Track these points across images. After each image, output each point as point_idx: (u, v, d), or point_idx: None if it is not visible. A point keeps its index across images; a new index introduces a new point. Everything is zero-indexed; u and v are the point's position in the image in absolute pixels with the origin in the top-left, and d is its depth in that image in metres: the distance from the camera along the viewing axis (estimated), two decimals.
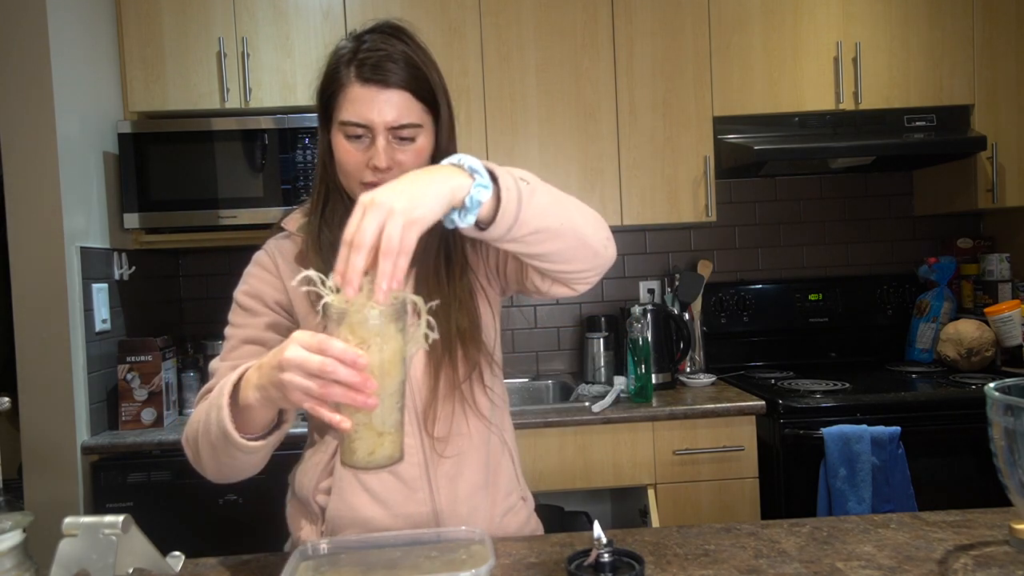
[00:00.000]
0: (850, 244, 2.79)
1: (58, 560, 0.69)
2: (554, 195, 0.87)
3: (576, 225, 0.88)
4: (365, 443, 0.74)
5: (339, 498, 1.00)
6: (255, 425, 0.86)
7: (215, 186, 2.19)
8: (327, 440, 1.03)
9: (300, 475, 1.06)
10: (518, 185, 0.81)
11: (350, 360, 0.69)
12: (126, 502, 1.94)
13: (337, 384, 0.70)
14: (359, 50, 0.97)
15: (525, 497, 1.14)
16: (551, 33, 2.34)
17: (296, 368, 0.71)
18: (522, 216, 0.81)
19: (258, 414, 0.84)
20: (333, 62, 1.00)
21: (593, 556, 0.78)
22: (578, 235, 0.88)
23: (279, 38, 2.29)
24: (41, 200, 1.93)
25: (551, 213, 0.85)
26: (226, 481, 0.96)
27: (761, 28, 2.37)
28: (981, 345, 2.35)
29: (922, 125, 2.39)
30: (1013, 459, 0.71)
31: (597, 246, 0.91)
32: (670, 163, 2.37)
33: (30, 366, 1.92)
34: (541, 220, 0.83)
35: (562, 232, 0.86)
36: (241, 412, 0.84)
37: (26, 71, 1.91)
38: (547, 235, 0.85)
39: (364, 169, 0.97)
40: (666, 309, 2.42)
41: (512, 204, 0.80)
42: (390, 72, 0.95)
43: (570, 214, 0.88)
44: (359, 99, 0.96)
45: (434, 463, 1.01)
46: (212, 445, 0.88)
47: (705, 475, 2.06)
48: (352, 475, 1.01)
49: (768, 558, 0.88)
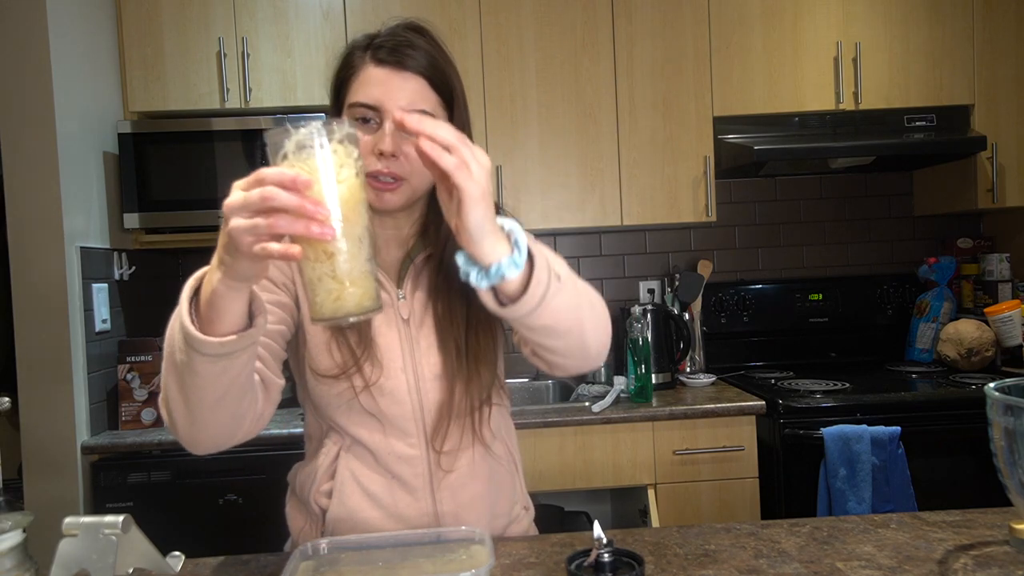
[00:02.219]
0: (850, 244, 2.79)
1: (58, 560, 0.69)
2: (576, 296, 0.85)
3: (583, 331, 0.87)
4: (330, 292, 0.68)
5: (339, 502, 0.99)
6: (223, 326, 0.74)
7: (215, 186, 2.20)
8: (327, 444, 1.02)
9: (300, 477, 1.06)
10: (549, 280, 0.79)
11: (288, 181, 0.64)
12: (126, 502, 1.94)
13: (284, 213, 0.64)
14: (376, 36, 0.95)
15: (527, 507, 1.13)
16: (551, 33, 2.34)
17: (239, 211, 0.66)
18: (539, 311, 0.80)
19: (223, 307, 0.73)
20: (348, 50, 0.97)
21: (593, 556, 0.78)
22: (582, 341, 0.88)
23: (279, 38, 2.29)
24: (41, 200, 1.93)
25: (566, 316, 0.83)
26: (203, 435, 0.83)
27: (761, 28, 2.37)
28: (981, 345, 2.35)
29: (922, 125, 2.39)
30: (1013, 459, 0.71)
31: (593, 353, 0.90)
32: (670, 163, 2.37)
33: (30, 366, 1.92)
34: (553, 319, 0.82)
35: (568, 334, 0.85)
36: (204, 316, 0.74)
37: (26, 71, 1.91)
38: (553, 333, 0.84)
39: (368, 155, 0.92)
40: (666, 309, 2.42)
41: (535, 298, 0.78)
42: (407, 56, 0.92)
43: (582, 320, 0.86)
44: (372, 80, 0.92)
45: (438, 476, 1.00)
46: (177, 371, 0.77)
47: (705, 475, 2.06)
48: (353, 479, 0.99)
49: (768, 558, 0.88)
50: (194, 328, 0.73)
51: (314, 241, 0.66)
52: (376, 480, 0.99)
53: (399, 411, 0.98)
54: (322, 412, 1.01)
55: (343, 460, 1.00)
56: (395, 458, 0.99)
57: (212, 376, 0.76)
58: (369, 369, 0.97)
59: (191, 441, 0.84)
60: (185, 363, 0.75)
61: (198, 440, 0.84)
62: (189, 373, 0.76)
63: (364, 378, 0.96)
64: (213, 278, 0.71)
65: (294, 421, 2.06)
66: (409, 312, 1.00)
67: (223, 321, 0.73)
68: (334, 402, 0.98)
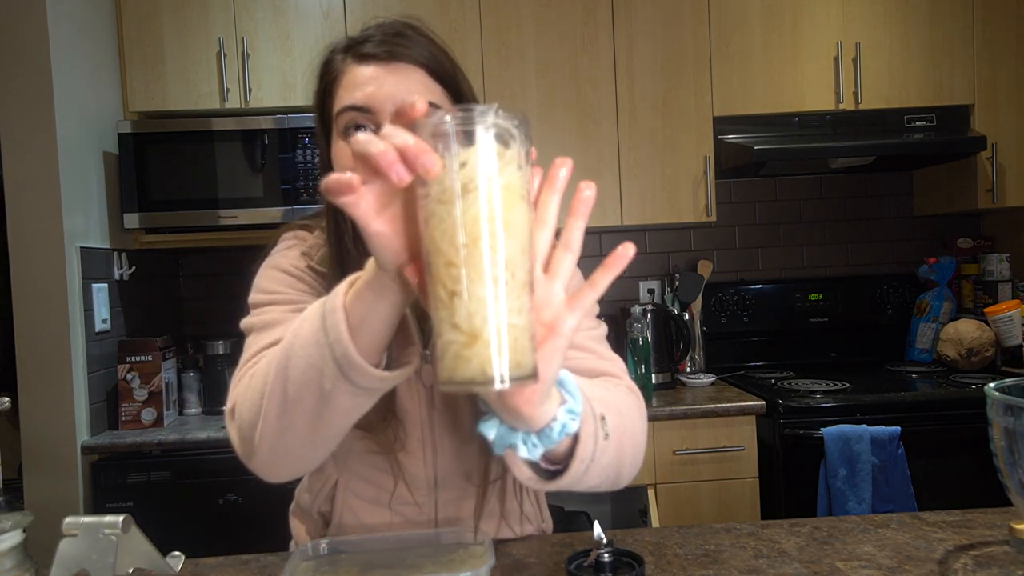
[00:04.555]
0: (850, 244, 2.79)
1: (58, 560, 0.69)
2: (620, 444, 0.69)
3: (620, 475, 0.72)
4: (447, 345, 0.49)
5: (339, 527, 0.96)
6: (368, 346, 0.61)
7: (215, 186, 2.19)
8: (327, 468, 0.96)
9: (302, 492, 1.03)
10: (596, 434, 0.63)
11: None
12: (126, 502, 1.94)
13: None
14: (356, 36, 0.83)
15: (546, 529, 1.08)
16: (551, 33, 2.34)
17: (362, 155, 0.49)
18: (585, 477, 0.64)
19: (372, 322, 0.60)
20: (326, 55, 0.85)
21: (593, 556, 0.78)
22: (616, 482, 0.73)
23: (279, 38, 2.29)
24: (41, 200, 1.93)
25: (608, 472, 0.68)
26: (292, 467, 0.73)
27: (761, 28, 2.37)
28: (981, 345, 2.35)
29: (922, 125, 2.39)
30: (1013, 459, 0.71)
31: (623, 484, 0.75)
32: (670, 163, 2.37)
33: (30, 366, 1.92)
34: (596, 481, 0.67)
35: (605, 483, 0.70)
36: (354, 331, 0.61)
37: (26, 71, 1.91)
38: (589, 488, 0.68)
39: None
40: (666, 309, 2.42)
41: (576, 473, 0.62)
42: (397, 46, 0.80)
43: (621, 469, 0.71)
44: (359, 79, 0.79)
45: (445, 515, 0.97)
46: (299, 397, 0.64)
47: (705, 475, 2.06)
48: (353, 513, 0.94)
49: (768, 558, 0.88)
50: (357, 355, 0.60)
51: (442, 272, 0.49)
52: (377, 513, 0.95)
53: (412, 471, 0.93)
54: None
55: (341, 494, 0.95)
56: (400, 503, 0.95)
57: (346, 411, 0.65)
58: (392, 434, 0.90)
59: (272, 466, 0.73)
60: (322, 390, 0.63)
61: (281, 466, 0.73)
62: (321, 402, 0.63)
63: (389, 439, 0.90)
64: (362, 279, 0.60)
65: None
66: (432, 378, 0.88)
67: (367, 344, 0.61)
68: (351, 444, 0.92)
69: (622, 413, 0.71)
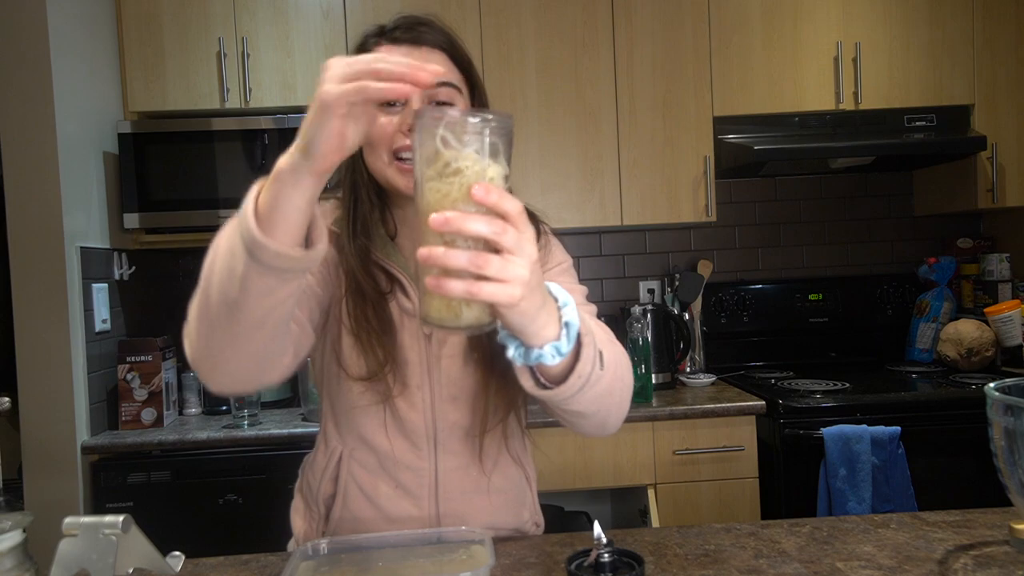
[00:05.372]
0: (850, 244, 2.79)
1: (58, 560, 0.69)
2: (612, 382, 0.80)
3: (608, 415, 0.83)
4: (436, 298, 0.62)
5: (343, 505, 0.99)
6: (281, 235, 0.67)
7: (215, 186, 2.19)
8: (331, 442, 1.02)
9: (308, 474, 1.05)
10: (592, 368, 0.74)
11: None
12: (126, 502, 1.94)
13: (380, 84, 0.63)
14: (385, 24, 0.94)
15: (539, 523, 1.12)
16: (551, 33, 2.34)
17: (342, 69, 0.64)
18: (575, 399, 0.75)
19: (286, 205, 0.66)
20: (361, 40, 0.95)
21: (593, 556, 0.78)
22: (603, 422, 0.84)
23: (279, 38, 2.29)
24: (41, 200, 1.93)
25: (598, 404, 0.79)
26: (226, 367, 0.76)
27: (761, 28, 2.37)
28: (981, 345, 2.35)
29: (922, 125, 2.39)
30: (1013, 459, 0.71)
31: (610, 430, 0.87)
32: (670, 163, 2.37)
33: (30, 366, 1.92)
34: (585, 407, 0.78)
35: (594, 416, 0.82)
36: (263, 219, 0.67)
37: (26, 71, 1.91)
38: (578, 415, 0.80)
39: (396, 133, 0.88)
40: (666, 309, 2.42)
41: (573, 388, 0.74)
42: (423, 32, 0.92)
43: (610, 406, 0.82)
44: None
45: (444, 486, 0.99)
46: (218, 286, 0.70)
47: (705, 475, 2.06)
48: (357, 487, 0.99)
49: (768, 558, 0.88)
50: (259, 231, 0.65)
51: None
52: (379, 486, 0.98)
53: (412, 425, 0.98)
54: (337, 407, 1.01)
55: (345, 466, 1.00)
56: (402, 466, 0.98)
57: (257, 294, 0.68)
58: (391, 380, 0.96)
59: (209, 370, 0.77)
60: (234, 273, 0.68)
61: (217, 370, 0.77)
62: (234, 285, 0.68)
63: (388, 386, 0.96)
64: (281, 163, 0.67)
65: (294, 421, 2.06)
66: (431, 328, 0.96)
67: (280, 228, 0.66)
68: (354, 400, 0.98)
69: (618, 362, 0.83)
